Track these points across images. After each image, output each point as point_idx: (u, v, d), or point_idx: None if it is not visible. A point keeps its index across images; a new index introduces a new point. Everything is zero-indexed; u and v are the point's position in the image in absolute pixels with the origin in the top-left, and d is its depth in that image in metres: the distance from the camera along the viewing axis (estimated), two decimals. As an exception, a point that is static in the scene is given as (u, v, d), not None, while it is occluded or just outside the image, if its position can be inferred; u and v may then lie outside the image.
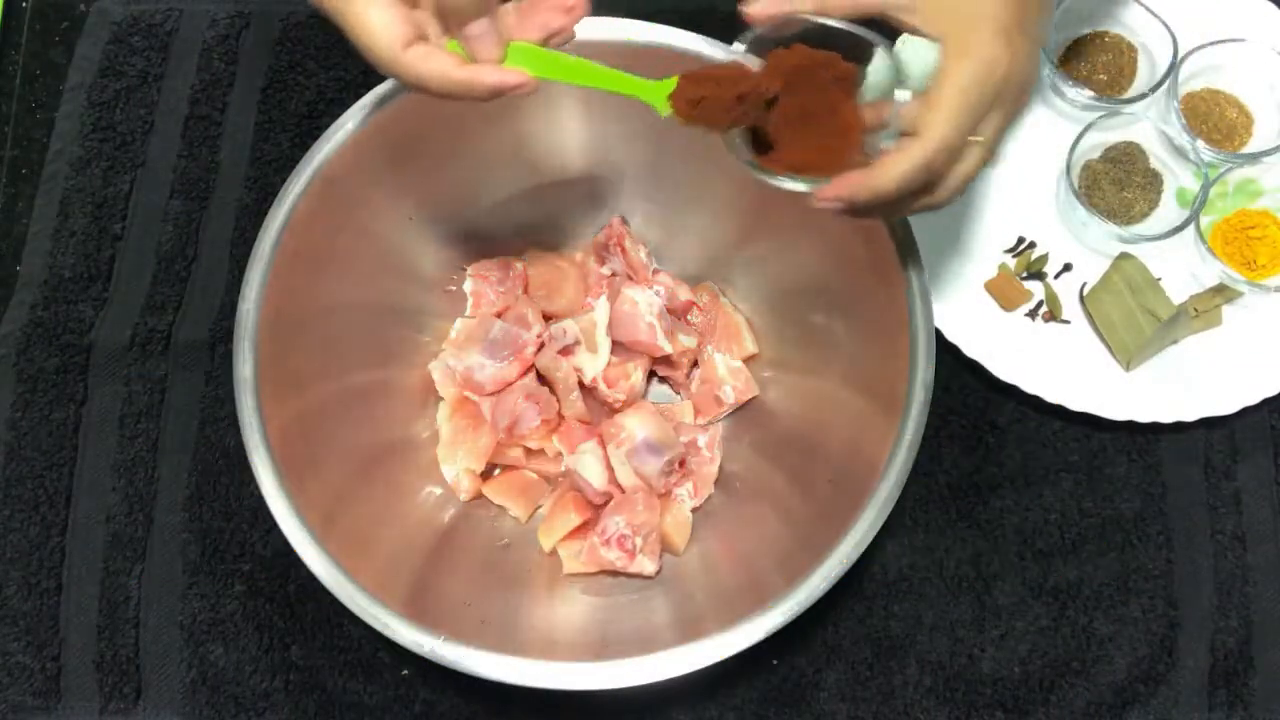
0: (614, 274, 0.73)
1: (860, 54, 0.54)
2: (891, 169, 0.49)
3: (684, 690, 0.67)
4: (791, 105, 0.52)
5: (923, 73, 0.52)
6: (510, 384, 0.70)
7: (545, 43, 0.52)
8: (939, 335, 0.70)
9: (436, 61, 0.48)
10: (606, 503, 0.68)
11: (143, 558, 0.70)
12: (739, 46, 0.54)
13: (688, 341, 0.70)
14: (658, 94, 0.53)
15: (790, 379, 0.71)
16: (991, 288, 0.74)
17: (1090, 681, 0.68)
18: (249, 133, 0.79)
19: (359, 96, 0.63)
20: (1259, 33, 0.76)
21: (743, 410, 0.71)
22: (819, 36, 0.53)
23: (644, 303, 0.69)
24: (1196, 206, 0.72)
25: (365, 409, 0.67)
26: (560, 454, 0.69)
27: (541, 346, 0.70)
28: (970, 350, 0.71)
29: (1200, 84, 0.77)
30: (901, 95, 0.51)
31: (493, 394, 0.70)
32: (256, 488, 0.57)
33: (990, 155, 0.52)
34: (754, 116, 0.53)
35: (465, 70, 0.49)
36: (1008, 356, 0.71)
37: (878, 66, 0.54)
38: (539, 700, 0.57)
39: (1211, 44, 0.75)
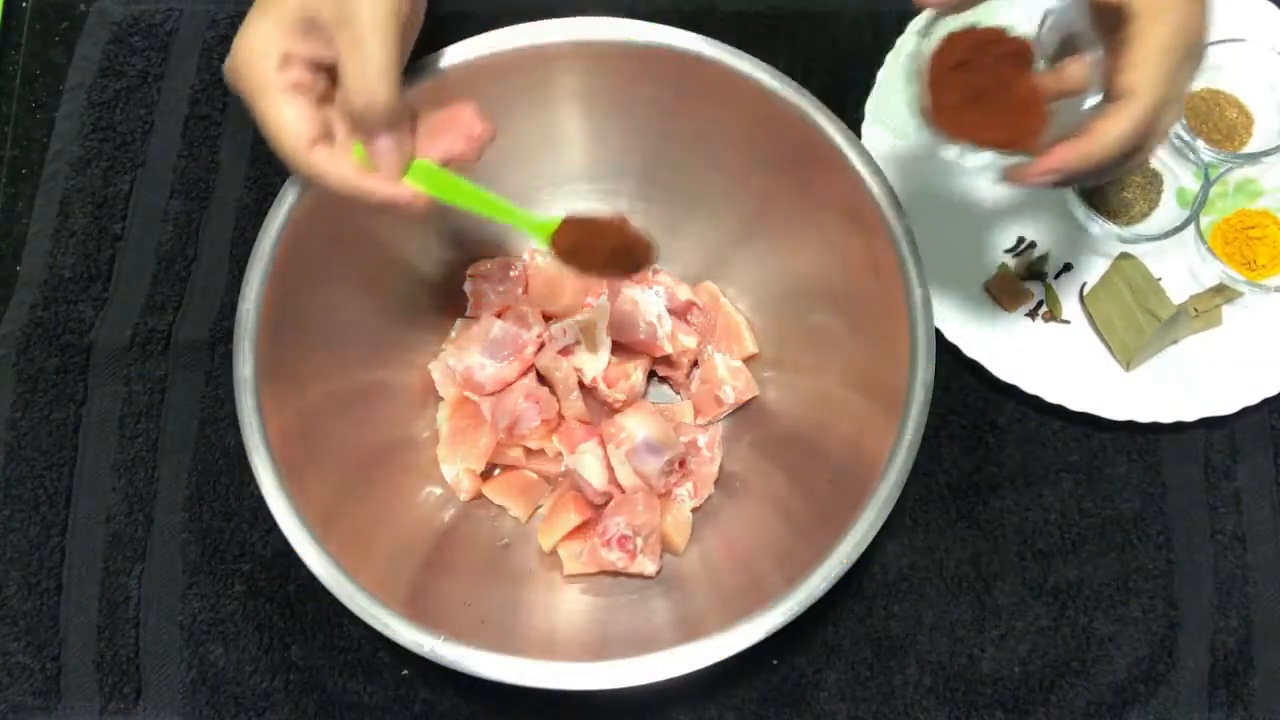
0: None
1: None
2: (1110, 133, 0.50)
3: (684, 690, 0.67)
4: (970, 85, 0.53)
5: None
6: (510, 384, 0.70)
7: (446, 165, 0.54)
8: (939, 335, 0.70)
9: (337, 165, 0.50)
10: (606, 503, 0.68)
11: (143, 558, 0.70)
12: (919, 22, 0.55)
13: (688, 341, 0.70)
14: (540, 230, 0.59)
15: (790, 379, 0.71)
16: (991, 288, 0.74)
17: (1090, 681, 0.68)
18: (249, 133, 0.79)
19: (359, 96, 0.63)
20: (1259, 33, 0.76)
21: (743, 410, 0.71)
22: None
23: (644, 303, 0.69)
24: (1196, 206, 0.72)
25: (365, 409, 0.67)
26: (560, 454, 0.69)
27: (541, 346, 0.70)
28: (970, 350, 0.71)
29: (1200, 84, 0.77)
30: (1095, 65, 0.52)
31: (493, 394, 0.70)
32: (256, 488, 0.57)
33: (1181, 108, 0.52)
34: (625, 269, 0.61)
35: (362, 180, 0.51)
36: (1008, 356, 0.71)
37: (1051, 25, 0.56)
38: (539, 700, 0.57)
39: (1211, 44, 0.75)
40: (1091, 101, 0.53)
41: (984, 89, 0.54)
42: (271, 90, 0.50)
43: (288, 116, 0.49)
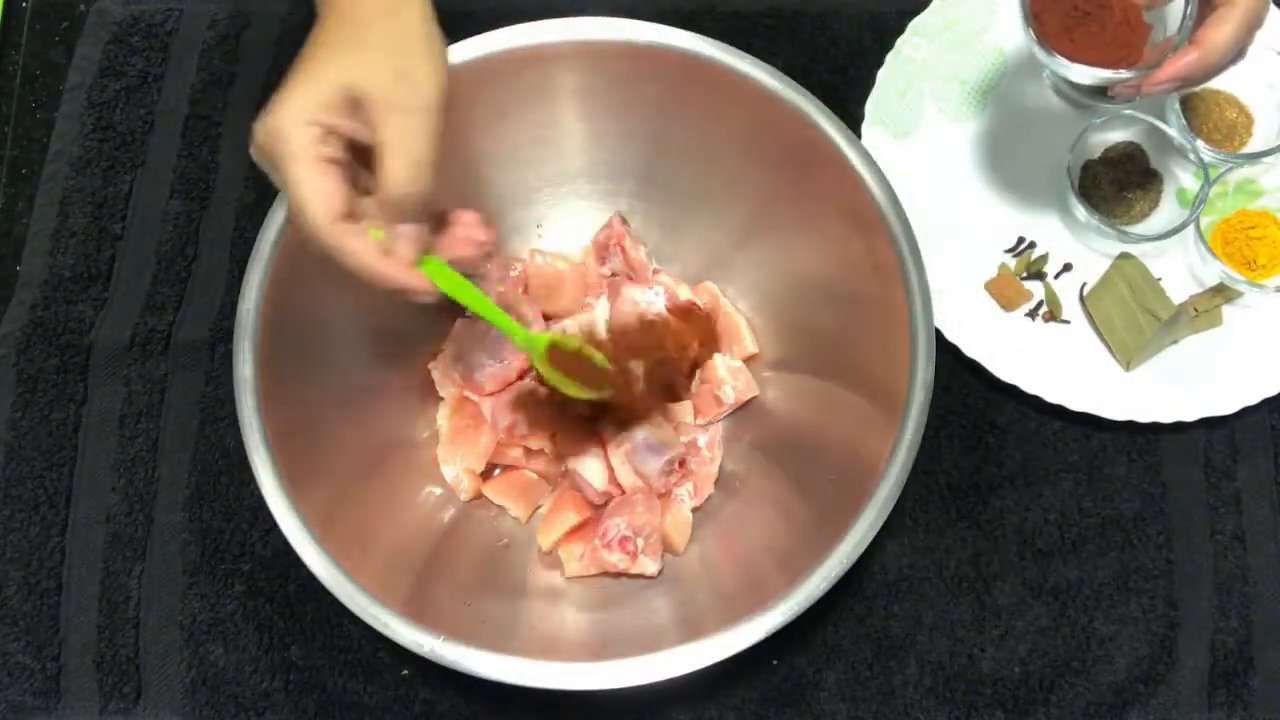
0: (614, 274, 0.73)
1: None
2: (1219, 40, 0.53)
3: (684, 690, 0.67)
4: (1073, 7, 0.58)
5: None
6: (510, 384, 0.70)
7: (453, 265, 0.55)
8: (939, 335, 0.70)
9: (359, 242, 0.50)
10: (606, 503, 0.68)
11: (143, 558, 0.70)
12: None
13: (688, 341, 0.70)
14: (531, 345, 0.62)
15: (790, 379, 0.71)
16: (991, 288, 0.74)
17: (1090, 681, 0.68)
18: (249, 133, 0.79)
19: (359, 96, 0.63)
20: (1259, 32, 0.76)
21: (743, 410, 0.71)
22: None
23: (644, 303, 0.69)
24: (1196, 206, 0.72)
25: (365, 409, 0.67)
26: (560, 454, 0.69)
27: (542, 346, 0.70)
28: (970, 350, 0.71)
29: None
30: None
31: (493, 394, 0.70)
32: (256, 488, 0.57)
33: (1268, 8, 0.55)
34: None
35: (381, 262, 0.51)
36: (1008, 356, 0.71)
37: None
38: (539, 700, 0.57)
39: (1211, 44, 0.75)
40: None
41: (1087, 10, 0.59)
42: (307, 160, 0.49)
43: (320, 188, 0.49)
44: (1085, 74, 0.59)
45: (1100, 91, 0.72)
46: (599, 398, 0.64)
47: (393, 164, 0.49)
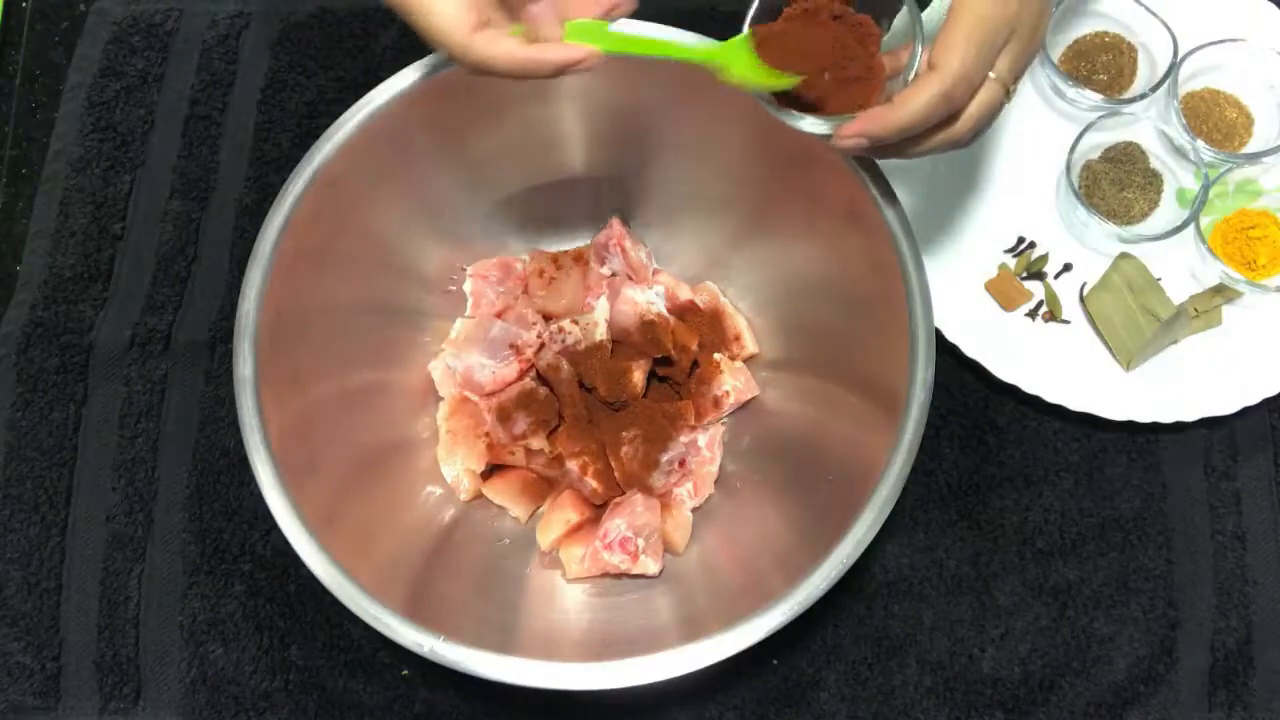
0: (614, 274, 0.73)
1: (881, 6, 0.57)
2: (911, 101, 0.52)
3: (684, 690, 0.67)
4: (813, 56, 0.55)
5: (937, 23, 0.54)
6: (510, 384, 0.70)
7: (605, 17, 0.54)
8: (939, 335, 0.70)
9: (504, 45, 0.50)
10: (606, 503, 0.68)
11: (143, 558, 0.70)
12: (759, 4, 0.56)
13: (688, 341, 0.70)
14: (725, 55, 0.55)
15: (790, 379, 0.71)
16: (991, 288, 0.74)
17: (1090, 681, 0.68)
18: (249, 133, 0.79)
19: (359, 96, 0.63)
20: (1259, 33, 0.76)
21: (743, 410, 0.71)
22: None
23: (644, 303, 0.69)
24: (1196, 206, 0.72)
25: (365, 409, 0.67)
26: (560, 454, 0.69)
27: (541, 346, 0.70)
28: (970, 350, 0.71)
29: (1200, 84, 0.77)
30: (920, 50, 0.54)
31: (493, 394, 0.70)
32: (256, 488, 0.57)
33: (1008, 93, 0.54)
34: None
35: (531, 49, 0.51)
36: (1008, 356, 0.71)
37: (900, 15, 0.57)
38: (539, 700, 0.57)
39: (1211, 44, 0.75)
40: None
41: (826, 63, 0.55)
42: None
43: (447, 8, 0.50)
44: (801, 124, 0.55)
45: None
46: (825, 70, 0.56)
47: None
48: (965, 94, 0.52)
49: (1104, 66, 0.77)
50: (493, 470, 0.70)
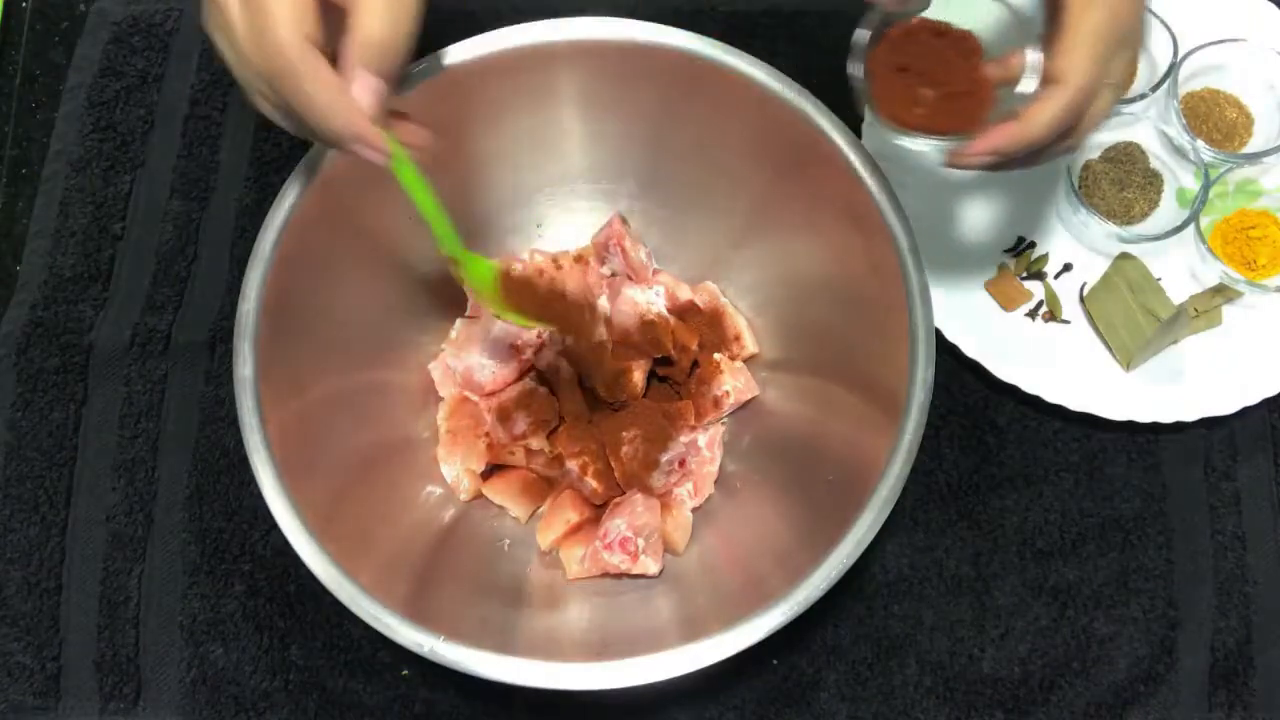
0: (614, 274, 0.73)
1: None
2: (1039, 117, 0.52)
3: (684, 690, 0.67)
4: (916, 75, 0.57)
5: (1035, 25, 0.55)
6: (510, 384, 0.70)
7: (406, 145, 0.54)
8: (939, 335, 0.70)
9: (325, 71, 0.48)
10: (606, 503, 0.68)
11: (143, 558, 0.70)
12: (863, 32, 0.57)
13: (688, 341, 0.70)
14: (469, 264, 0.60)
15: (790, 379, 0.71)
16: (991, 288, 0.74)
17: (1090, 681, 0.68)
18: (249, 133, 0.79)
19: (359, 96, 0.63)
20: (1259, 33, 0.76)
21: (743, 410, 0.71)
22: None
23: (644, 303, 0.69)
24: (1196, 206, 0.72)
25: (365, 409, 0.67)
26: (560, 454, 0.69)
27: (541, 346, 0.70)
28: (970, 350, 0.71)
29: (1200, 84, 0.77)
30: (1033, 56, 0.54)
31: (493, 394, 0.70)
32: (256, 488, 0.57)
33: (1119, 95, 0.54)
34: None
35: (342, 98, 0.49)
36: (1008, 356, 0.71)
37: (997, 23, 0.58)
38: (539, 700, 0.57)
39: (1211, 44, 0.75)
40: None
41: (931, 80, 0.57)
42: None
43: (288, 4, 0.47)
44: (913, 142, 0.57)
45: None
46: (553, 330, 0.62)
47: (377, 8, 0.48)
48: (1088, 104, 0.52)
49: (1104, 66, 0.77)
50: (493, 470, 0.70)
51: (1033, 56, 0.54)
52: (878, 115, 0.57)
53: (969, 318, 0.72)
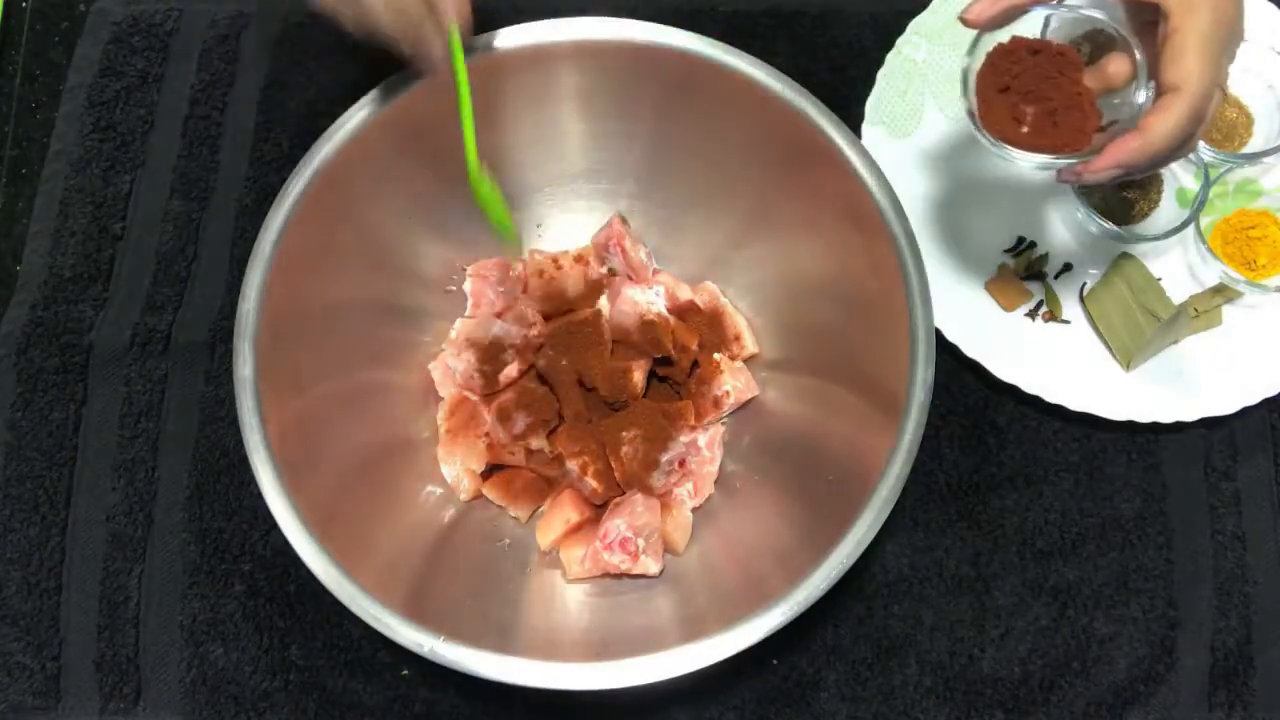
0: (614, 274, 0.73)
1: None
2: (1161, 127, 0.52)
3: (684, 690, 0.67)
4: (1021, 95, 0.57)
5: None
6: (510, 384, 0.70)
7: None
8: (939, 335, 0.70)
9: None
10: (606, 503, 0.68)
11: (143, 558, 0.70)
12: (967, 59, 0.58)
13: (688, 341, 0.70)
14: (481, 192, 0.62)
15: (790, 379, 0.71)
16: (991, 288, 0.74)
17: (1090, 681, 0.68)
18: (249, 133, 0.79)
19: (359, 96, 0.63)
20: (1259, 33, 0.76)
21: (743, 410, 0.71)
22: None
23: (644, 303, 0.69)
24: (1196, 206, 0.72)
25: (365, 409, 0.67)
26: (560, 454, 0.69)
27: (541, 346, 0.70)
28: (970, 350, 0.71)
29: (1200, 84, 0.77)
30: (1128, 50, 0.55)
31: (493, 394, 0.70)
32: (256, 488, 0.57)
33: (1224, 96, 0.55)
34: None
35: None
36: (1008, 356, 0.71)
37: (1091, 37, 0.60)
38: (539, 700, 0.57)
39: (1211, 44, 0.75)
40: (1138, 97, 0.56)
41: (1034, 97, 0.57)
42: None
43: None
44: (1028, 161, 0.58)
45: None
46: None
47: None
48: (1208, 108, 0.53)
49: (1104, 66, 0.77)
50: (493, 470, 0.70)
51: (1139, 61, 0.55)
52: (988, 136, 0.58)
53: (969, 318, 0.72)
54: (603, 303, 0.71)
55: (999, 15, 0.56)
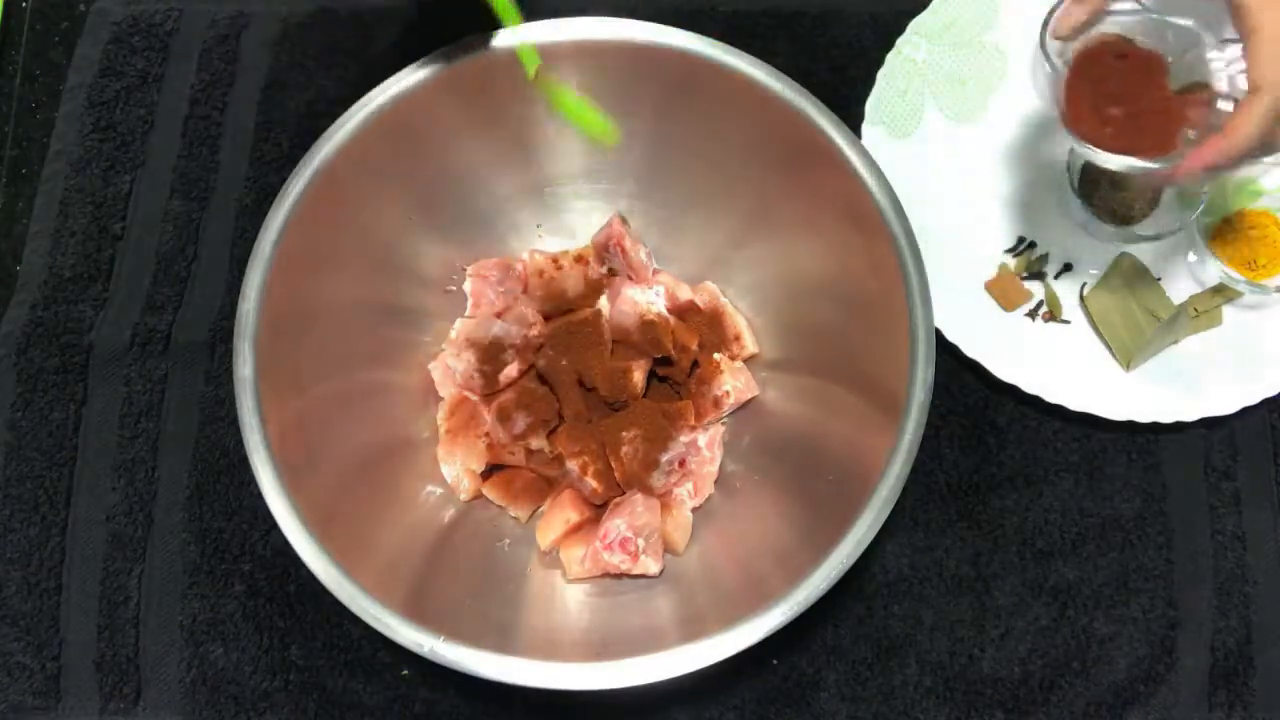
0: (614, 274, 0.73)
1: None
2: (1244, 128, 0.53)
3: (684, 690, 0.67)
4: (1107, 97, 0.60)
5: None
6: (510, 384, 0.70)
7: None
8: (939, 335, 0.70)
9: None
10: (606, 503, 0.68)
11: (143, 558, 0.70)
12: (1051, 68, 0.61)
13: (688, 341, 0.70)
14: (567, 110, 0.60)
15: (790, 379, 0.71)
16: (991, 288, 0.74)
17: (1090, 681, 0.68)
18: (249, 133, 0.79)
19: (359, 96, 0.63)
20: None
21: (743, 410, 0.71)
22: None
23: (644, 303, 0.69)
24: (1197, 207, 0.72)
25: (365, 409, 0.67)
26: (560, 454, 0.69)
27: (541, 346, 0.70)
28: (970, 350, 0.71)
29: (1200, 84, 0.77)
30: (1215, 58, 0.57)
31: (493, 394, 0.70)
32: (256, 488, 0.57)
33: None
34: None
35: None
36: (1008, 356, 0.71)
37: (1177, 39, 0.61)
38: (539, 700, 0.57)
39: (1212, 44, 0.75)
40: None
41: (1119, 100, 0.60)
42: None
43: None
44: (1116, 162, 0.59)
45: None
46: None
47: None
48: None
49: (1104, 66, 0.77)
50: (493, 470, 0.70)
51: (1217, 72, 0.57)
52: (1075, 137, 0.60)
53: (969, 318, 0.72)
54: (603, 303, 0.71)
55: (1086, 21, 0.59)
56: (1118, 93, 0.60)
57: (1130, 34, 0.62)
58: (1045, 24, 0.62)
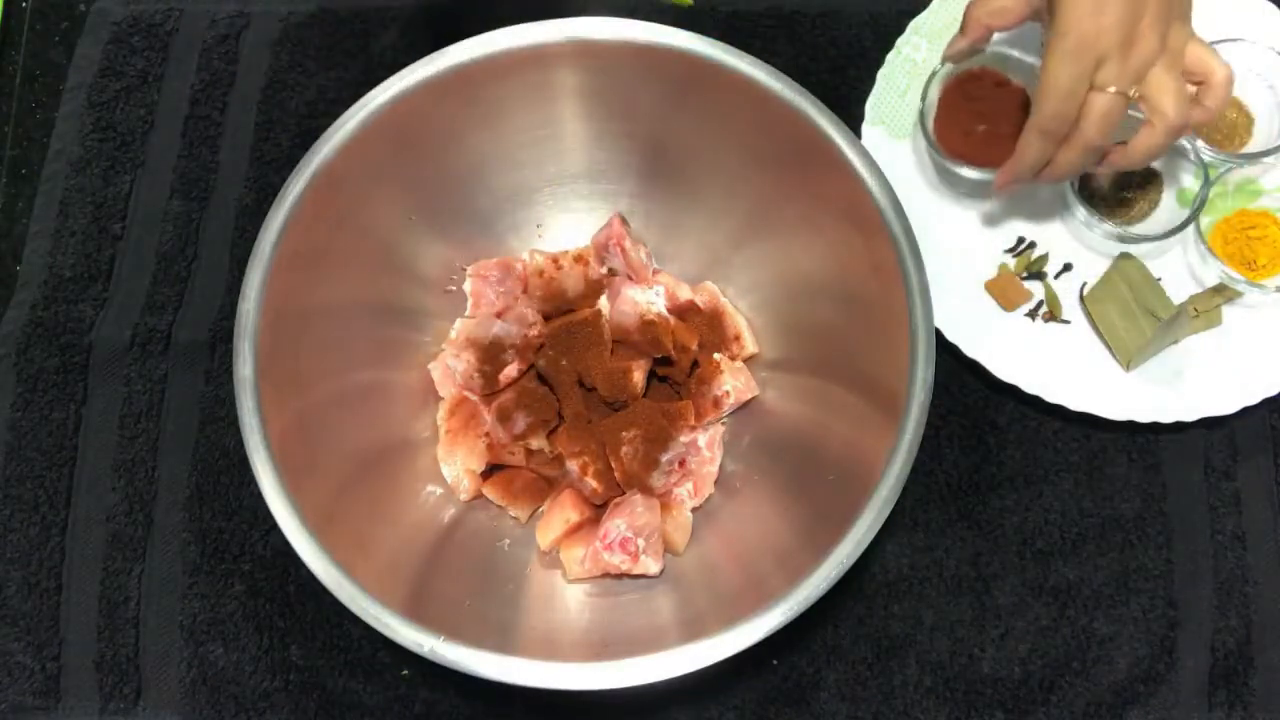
0: (614, 274, 0.73)
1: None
2: (1141, 149, 0.64)
3: (684, 690, 0.67)
4: (974, 115, 0.72)
5: None
6: (510, 384, 0.70)
7: None
8: (939, 335, 0.70)
9: None
10: (606, 503, 0.68)
11: (143, 558, 0.70)
12: (933, 90, 0.72)
13: (688, 341, 0.70)
14: None
15: (790, 379, 0.71)
16: (991, 288, 0.74)
17: (1090, 681, 0.68)
18: (249, 133, 0.79)
19: (359, 96, 0.63)
20: (1259, 33, 0.76)
21: (743, 410, 0.71)
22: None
23: (644, 303, 0.69)
24: (1196, 206, 0.72)
25: (365, 409, 0.67)
26: (560, 454, 0.69)
27: (541, 346, 0.70)
28: (970, 350, 0.71)
29: (1200, 84, 0.77)
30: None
31: (493, 394, 0.70)
32: (256, 488, 0.57)
33: (1128, 97, 0.62)
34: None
35: None
36: (1008, 356, 0.71)
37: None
38: (539, 700, 0.57)
39: (1211, 44, 0.75)
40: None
41: (984, 118, 0.72)
42: None
43: None
44: (959, 169, 0.72)
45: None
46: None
47: None
48: (1059, 119, 0.62)
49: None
50: (493, 470, 0.70)
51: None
52: (934, 144, 0.72)
53: (969, 318, 0.72)
54: (603, 303, 0.71)
55: (967, 50, 0.69)
56: (987, 112, 0.71)
57: (1004, 68, 0.72)
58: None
